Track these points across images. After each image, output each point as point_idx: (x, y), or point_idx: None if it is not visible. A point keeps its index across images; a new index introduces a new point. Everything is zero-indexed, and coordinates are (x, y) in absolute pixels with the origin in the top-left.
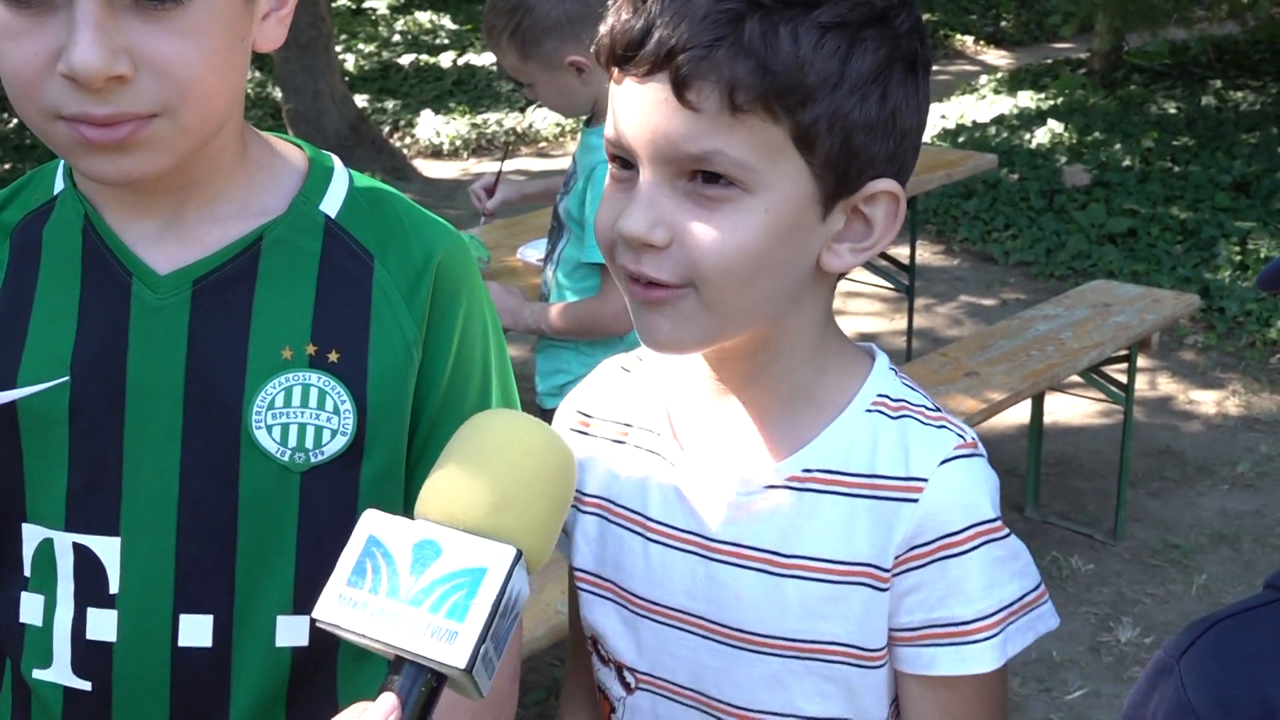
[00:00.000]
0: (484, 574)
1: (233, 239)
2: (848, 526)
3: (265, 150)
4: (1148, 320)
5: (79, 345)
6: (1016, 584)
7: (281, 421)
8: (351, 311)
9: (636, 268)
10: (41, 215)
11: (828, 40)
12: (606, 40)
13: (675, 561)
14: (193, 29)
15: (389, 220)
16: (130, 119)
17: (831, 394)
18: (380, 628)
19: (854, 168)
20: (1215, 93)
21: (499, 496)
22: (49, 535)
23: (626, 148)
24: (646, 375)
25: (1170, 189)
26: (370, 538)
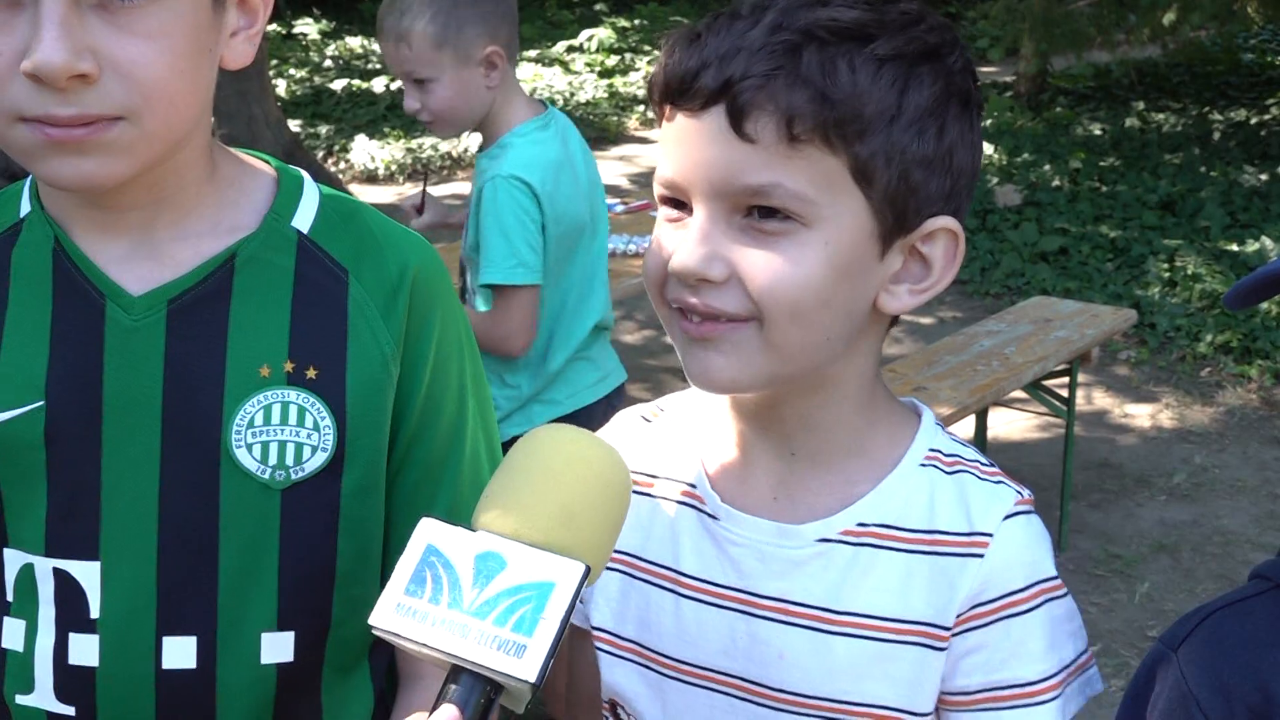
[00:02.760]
0: (552, 589)
1: (206, 257)
2: (905, 583)
3: (234, 166)
4: (1088, 335)
5: (53, 369)
6: (1073, 644)
7: (261, 440)
8: (328, 327)
9: (695, 300)
10: (8, 239)
11: (885, 73)
12: (660, 77)
13: (711, 619)
14: (158, 31)
15: (362, 235)
16: (95, 120)
17: (883, 447)
18: (443, 638)
19: (912, 204)
20: (1138, 114)
21: (564, 511)
22: (29, 560)
23: (680, 186)
24: (672, 425)
25: (1099, 208)
26: (429, 547)
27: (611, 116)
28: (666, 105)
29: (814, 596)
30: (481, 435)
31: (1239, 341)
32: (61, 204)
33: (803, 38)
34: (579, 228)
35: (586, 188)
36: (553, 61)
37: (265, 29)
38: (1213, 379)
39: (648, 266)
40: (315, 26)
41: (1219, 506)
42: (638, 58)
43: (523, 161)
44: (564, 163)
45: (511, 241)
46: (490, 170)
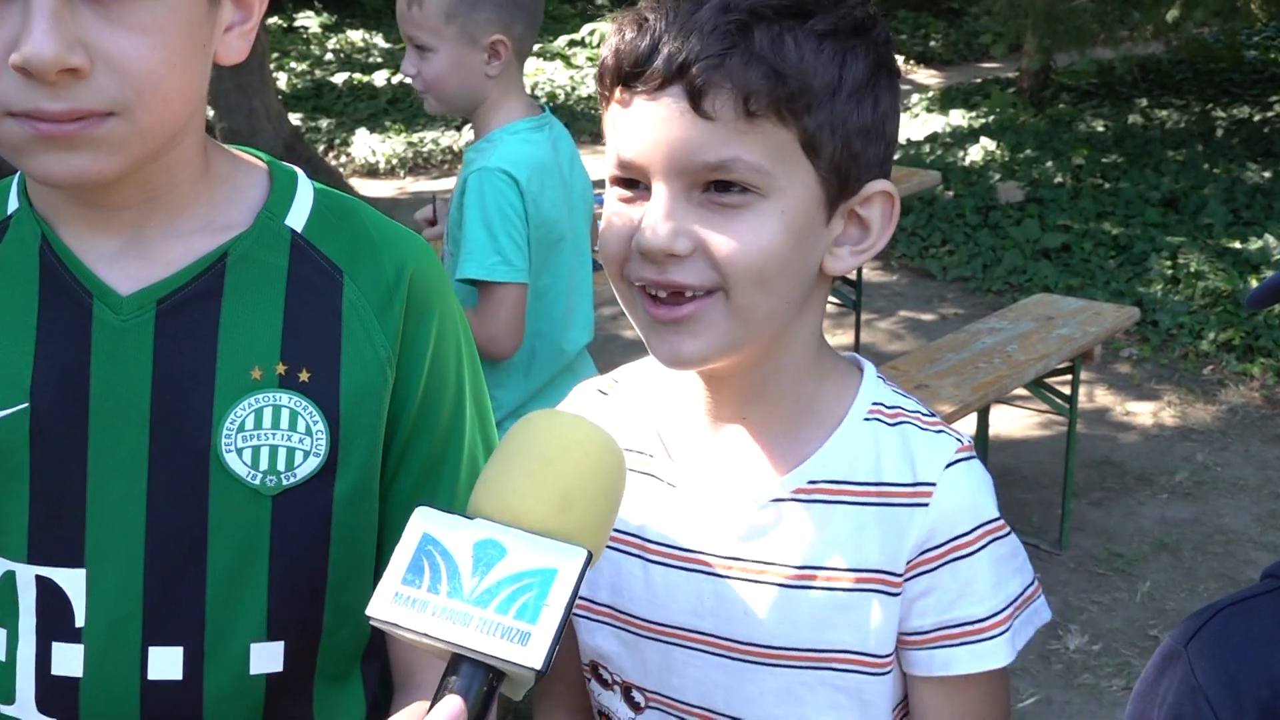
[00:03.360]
0: (555, 575)
1: (197, 256)
2: (857, 535)
3: (228, 163)
4: (1090, 332)
5: (38, 370)
6: (1019, 579)
7: (252, 444)
8: (321, 329)
9: (662, 277)
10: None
11: (825, 48)
12: (611, 61)
13: (679, 582)
14: (150, 25)
15: (358, 233)
16: (87, 114)
17: (829, 405)
18: (443, 627)
19: (853, 171)
20: (1141, 111)
21: (562, 497)
22: (11, 568)
23: (638, 166)
24: (627, 397)
25: (1102, 205)
26: (425, 535)
27: None
28: (618, 88)
29: (773, 554)
30: (480, 439)
31: (1241, 339)
32: (50, 201)
33: (750, 17)
34: (558, 236)
35: (569, 199)
36: (554, 56)
37: (265, 22)
38: (1215, 377)
39: (606, 246)
40: (316, 20)
41: (1221, 505)
42: None
43: (511, 157)
44: (552, 169)
45: (495, 236)
46: (478, 162)
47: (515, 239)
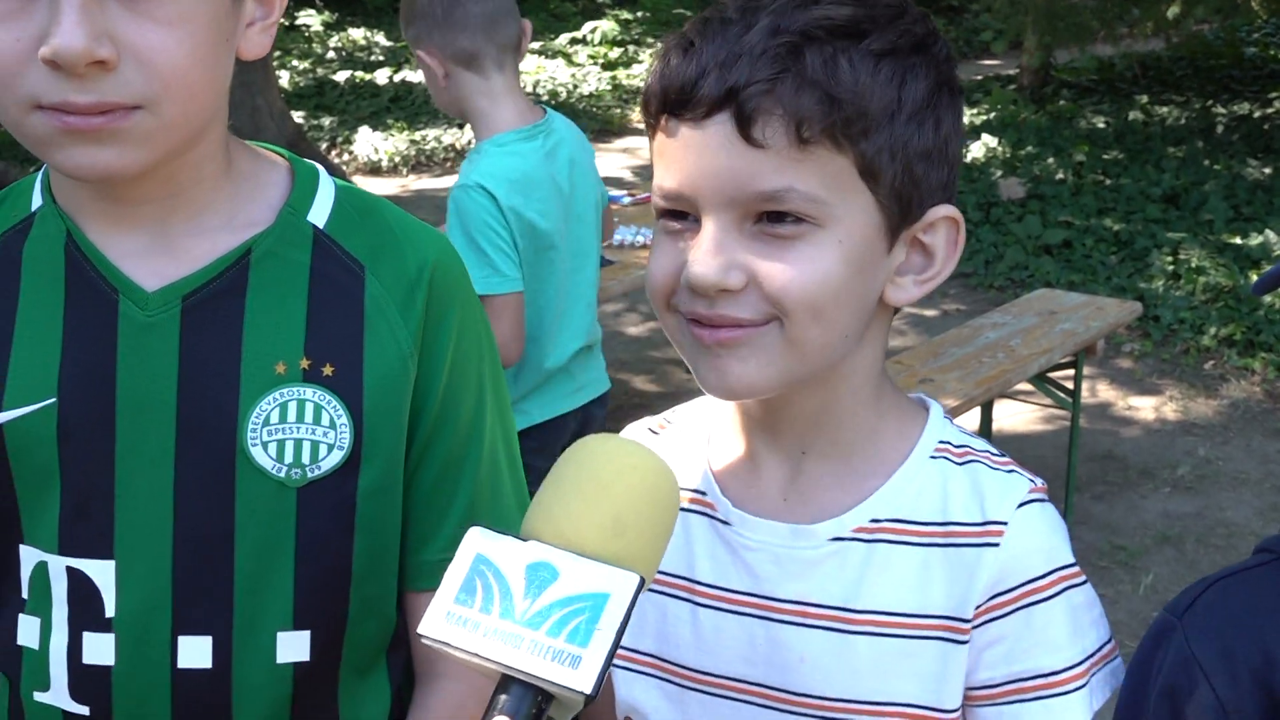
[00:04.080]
0: (607, 599)
1: (221, 252)
2: (922, 577)
3: (250, 160)
4: (1093, 327)
5: (65, 366)
6: (1096, 632)
7: (277, 438)
8: (344, 324)
9: (713, 311)
10: (20, 232)
11: (883, 68)
12: (657, 87)
13: (730, 627)
14: (177, 19)
15: (379, 229)
16: (113, 108)
17: (893, 441)
18: (495, 648)
19: (915, 196)
20: (1141, 108)
21: (615, 521)
22: (43, 559)
23: (687, 197)
24: (679, 436)
25: (1103, 201)
26: (479, 556)
27: (615, 109)
28: (664, 116)
29: (832, 596)
30: (500, 434)
31: (1243, 334)
32: (75, 197)
33: (802, 38)
34: (547, 246)
35: (567, 206)
36: (556, 54)
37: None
38: (1216, 372)
39: (653, 279)
40: (318, 18)
41: (1223, 499)
42: (641, 50)
43: (492, 171)
44: (542, 179)
45: (481, 250)
46: (461, 177)
47: (502, 248)
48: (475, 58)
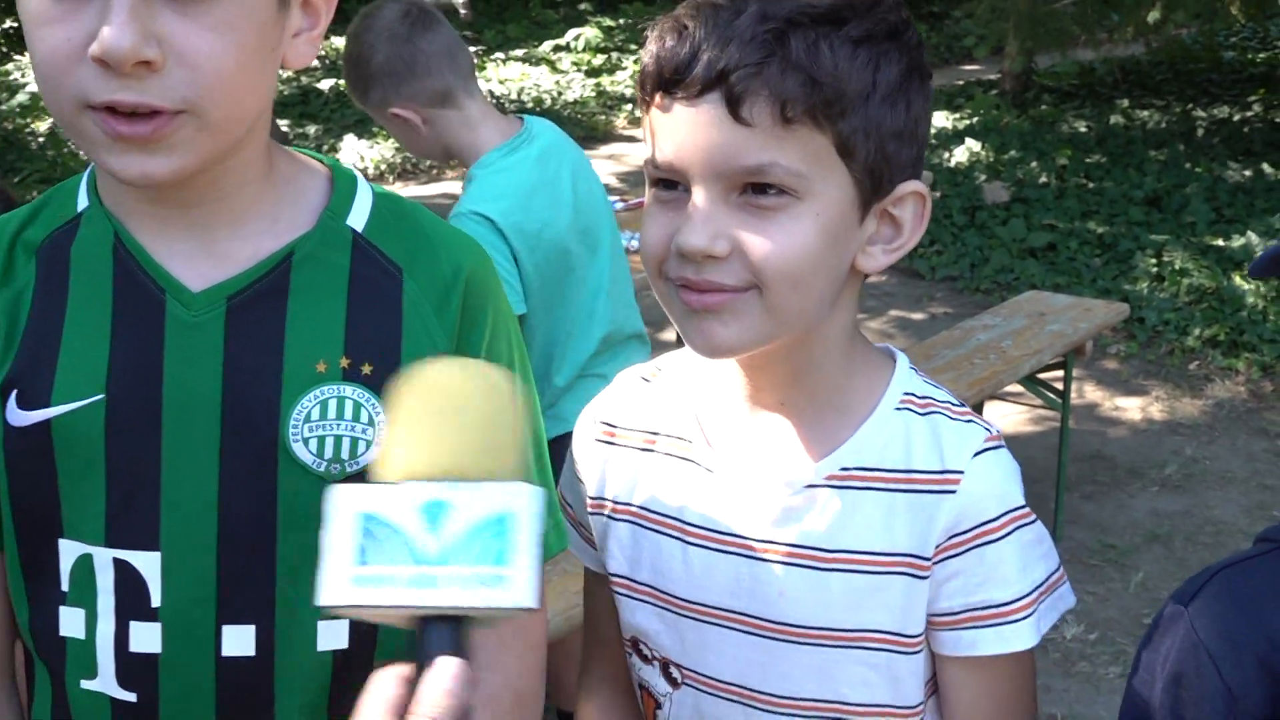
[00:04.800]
0: (511, 516)
1: (264, 255)
2: (888, 520)
3: (290, 165)
4: (1081, 328)
5: (113, 363)
6: (1044, 565)
7: (318, 434)
8: (383, 324)
9: (699, 277)
10: (67, 233)
11: (860, 53)
12: (652, 66)
13: (717, 563)
14: (224, 24)
15: (415, 234)
16: (157, 111)
17: (861, 394)
18: (419, 595)
19: (887, 173)
20: (1122, 111)
21: (487, 440)
22: (88, 551)
23: (678, 169)
24: (669, 384)
25: (1086, 204)
26: (361, 515)
27: (599, 115)
28: (658, 93)
29: (807, 537)
30: (529, 432)
31: (1226, 335)
32: (121, 199)
33: (787, 25)
34: (562, 250)
35: (573, 206)
36: (539, 61)
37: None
38: (1201, 372)
39: (646, 245)
40: None
41: (1210, 497)
42: (624, 57)
43: (484, 195)
44: (538, 186)
45: None
46: (456, 206)
47: (504, 275)
48: (449, 94)
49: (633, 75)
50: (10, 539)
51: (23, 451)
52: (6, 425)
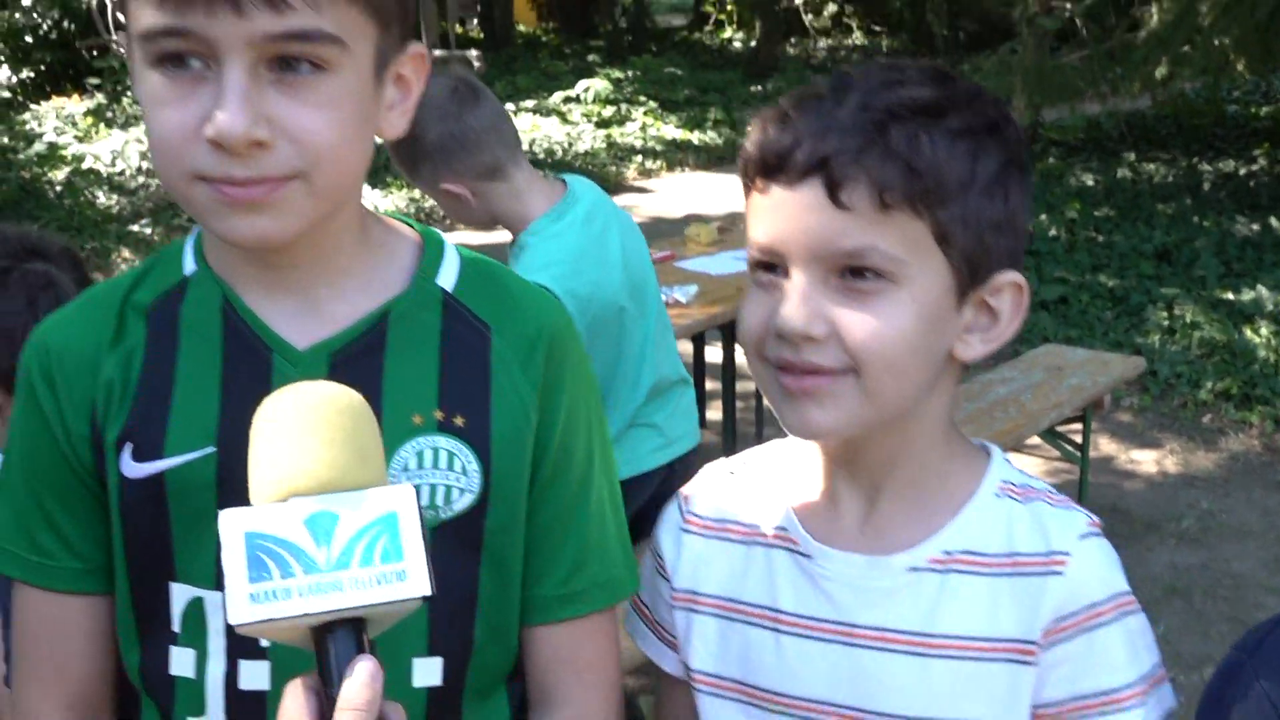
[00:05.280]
0: (395, 515)
1: (362, 314)
2: (992, 604)
3: (382, 229)
4: (1100, 382)
5: (223, 417)
6: (1150, 656)
7: (415, 482)
8: (473, 379)
9: (797, 358)
10: (175, 295)
11: (959, 145)
12: (755, 153)
13: (813, 652)
14: (327, 102)
15: (501, 293)
16: (269, 180)
17: (961, 481)
18: (320, 602)
19: (984, 262)
20: (1129, 165)
21: (357, 450)
22: (199, 594)
23: (777, 251)
24: (756, 477)
25: (1097, 258)
26: (248, 535)
27: (610, 166)
28: (759, 178)
29: (909, 622)
30: (605, 485)
31: (1239, 388)
32: (229, 263)
33: (887, 116)
34: (616, 309)
35: (622, 264)
36: (550, 112)
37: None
38: (1215, 425)
39: (745, 326)
40: None
41: (1227, 550)
42: (633, 108)
43: (537, 263)
44: (586, 249)
45: None
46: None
47: None
48: (498, 167)
49: (643, 126)
50: (123, 583)
51: (137, 502)
52: (122, 477)
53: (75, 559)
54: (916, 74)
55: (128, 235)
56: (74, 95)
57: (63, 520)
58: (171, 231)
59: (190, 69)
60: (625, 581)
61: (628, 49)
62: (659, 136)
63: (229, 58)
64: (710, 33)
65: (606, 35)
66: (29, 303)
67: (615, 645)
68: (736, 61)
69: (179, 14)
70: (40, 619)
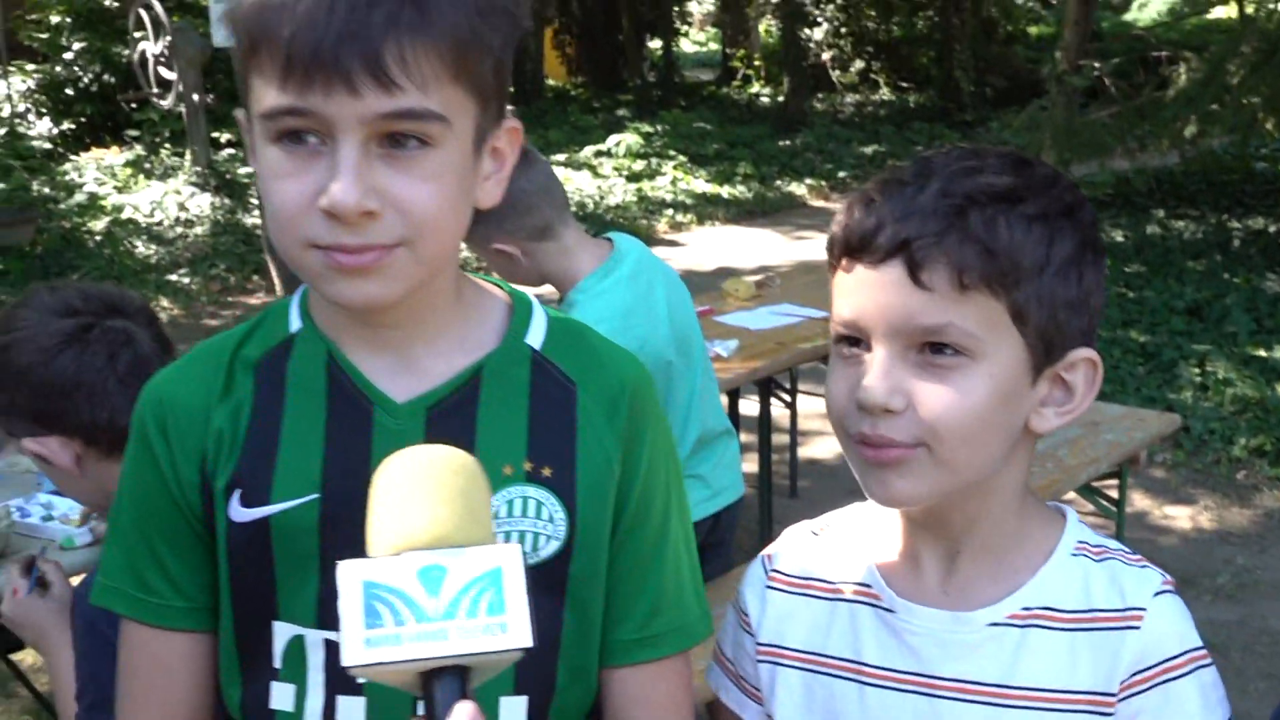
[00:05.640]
0: (500, 571)
1: (456, 370)
2: (1070, 658)
3: (475, 291)
4: (1136, 438)
5: (327, 466)
6: (1221, 710)
7: (505, 529)
8: (560, 432)
9: (874, 432)
10: (282, 351)
11: (1034, 229)
12: (841, 235)
13: (896, 703)
14: (431, 175)
15: (586, 351)
16: (377, 248)
17: (1038, 541)
18: (427, 648)
19: (1059, 340)
20: (1159, 221)
21: (469, 511)
22: (300, 632)
23: (860, 327)
24: (839, 537)
25: (1128, 313)
26: (366, 584)
27: (641, 220)
28: (845, 258)
29: (989, 675)
30: (681, 534)
31: (1273, 445)
32: (334, 322)
33: (966, 201)
34: (663, 363)
35: (668, 319)
36: (581, 165)
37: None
38: (1249, 482)
39: (832, 400)
40: None
41: (1264, 607)
42: (663, 162)
43: (586, 320)
44: (633, 306)
45: None
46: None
47: None
48: (548, 228)
49: (673, 180)
50: (228, 622)
51: (243, 545)
52: (230, 521)
53: (181, 598)
54: (996, 161)
55: (166, 285)
56: (113, 147)
57: (171, 561)
58: (209, 281)
59: (307, 145)
60: (699, 627)
61: (657, 103)
62: (689, 190)
63: (343, 135)
64: (738, 88)
65: (635, 90)
66: (109, 358)
67: (689, 688)
68: (765, 116)
69: (300, 95)
70: (146, 655)
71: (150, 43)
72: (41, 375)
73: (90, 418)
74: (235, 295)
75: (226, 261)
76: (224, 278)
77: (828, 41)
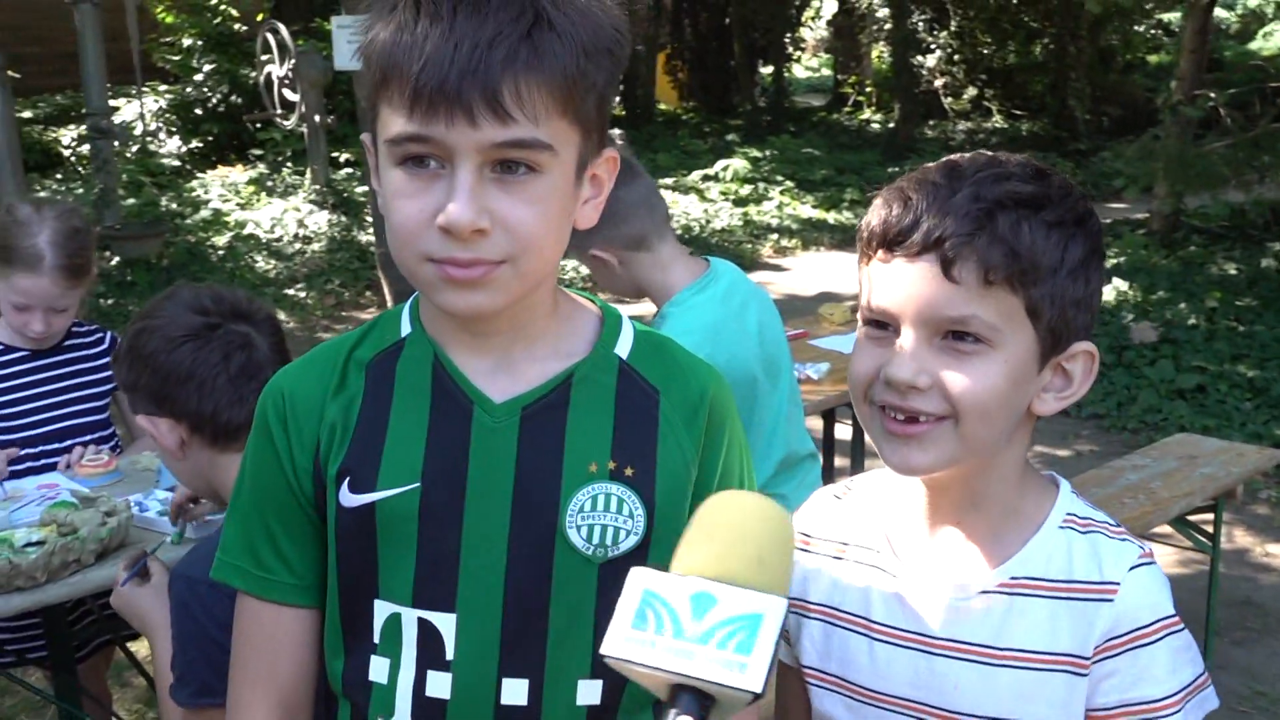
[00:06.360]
0: (761, 618)
1: (550, 375)
2: (1051, 623)
3: (569, 304)
4: (1233, 473)
5: (428, 458)
6: (1191, 669)
7: (589, 523)
8: (643, 435)
9: (904, 403)
10: (393, 352)
11: (1053, 234)
12: (879, 227)
13: (898, 657)
14: (537, 198)
15: (669, 362)
16: (485, 264)
17: (1030, 513)
18: (672, 661)
19: (1065, 333)
20: (1274, 255)
21: (759, 558)
22: (397, 610)
23: (891, 314)
24: (859, 501)
25: (1237, 347)
26: (646, 591)
27: (746, 244)
28: (882, 250)
29: (980, 636)
30: None
31: None
32: (440, 327)
33: (995, 205)
34: (750, 380)
35: (757, 338)
36: (689, 189)
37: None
38: None
39: (855, 372)
40: None
41: None
42: (770, 187)
43: (675, 331)
44: (724, 322)
45: None
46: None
47: None
48: (644, 239)
49: (779, 205)
50: (334, 599)
51: (351, 528)
52: (340, 506)
53: (292, 575)
54: (1018, 169)
55: (284, 298)
56: (237, 165)
57: (284, 541)
58: (324, 296)
59: (428, 168)
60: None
61: (766, 128)
62: (795, 215)
63: (461, 161)
64: (849, 114)
65: (745, 115)
66: (224, 357)
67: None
68: (875, 142)
69: (425, 124)
70: (258, 627)
71: (275, 65)
72: (163, 361)
73: (197, 407)
74: (349, 310)
75: (341, 277)
76: (338, 292)
77: (940, 68)
